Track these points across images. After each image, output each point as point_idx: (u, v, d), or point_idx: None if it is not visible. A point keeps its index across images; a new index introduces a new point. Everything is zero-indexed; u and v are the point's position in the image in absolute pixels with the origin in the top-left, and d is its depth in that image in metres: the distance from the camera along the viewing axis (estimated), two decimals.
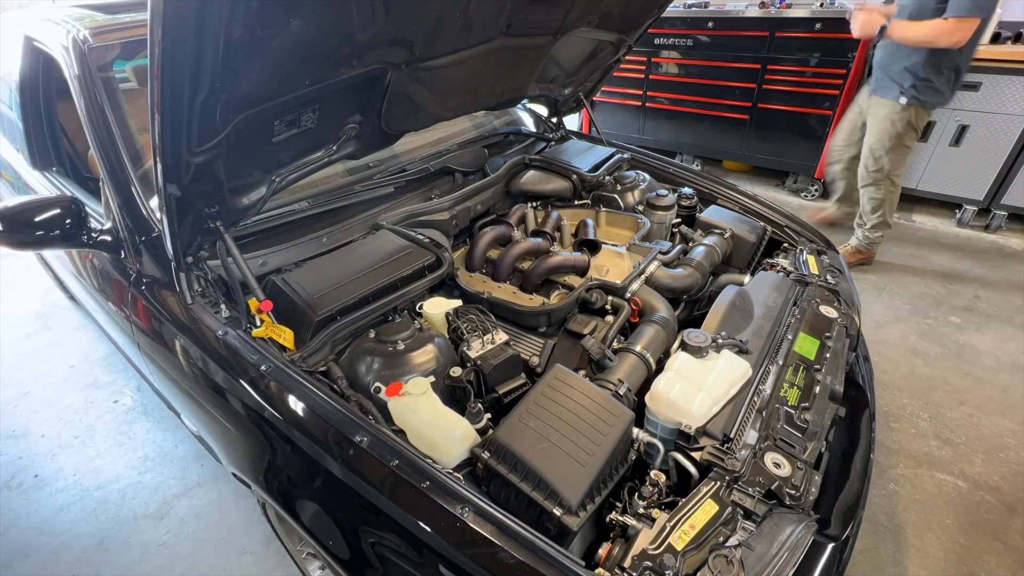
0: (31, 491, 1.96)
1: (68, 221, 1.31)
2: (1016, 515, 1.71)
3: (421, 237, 1.48)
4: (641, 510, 0.93)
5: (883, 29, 2.25)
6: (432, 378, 1.09)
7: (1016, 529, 1.67)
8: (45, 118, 1.88)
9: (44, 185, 1.86)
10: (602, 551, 0.90)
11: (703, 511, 0.89)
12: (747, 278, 1.56)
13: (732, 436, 1.02)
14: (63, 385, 2.44)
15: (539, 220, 1.84)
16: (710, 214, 1.79)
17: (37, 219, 1.28)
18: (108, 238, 1.39)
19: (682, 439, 1.05)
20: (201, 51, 0.78)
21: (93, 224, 1.38)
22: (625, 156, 2.13)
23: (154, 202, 1.36)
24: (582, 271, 1.54)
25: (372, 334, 1.22)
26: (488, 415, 1.09)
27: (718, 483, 0.94)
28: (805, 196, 3.88)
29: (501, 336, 1.22)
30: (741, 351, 1.19)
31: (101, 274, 1.59)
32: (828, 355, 1.27)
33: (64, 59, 1.45)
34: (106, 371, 2.51)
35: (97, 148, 1.38)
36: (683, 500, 0.92)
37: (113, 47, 1.50)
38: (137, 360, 1.62)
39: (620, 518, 0.93)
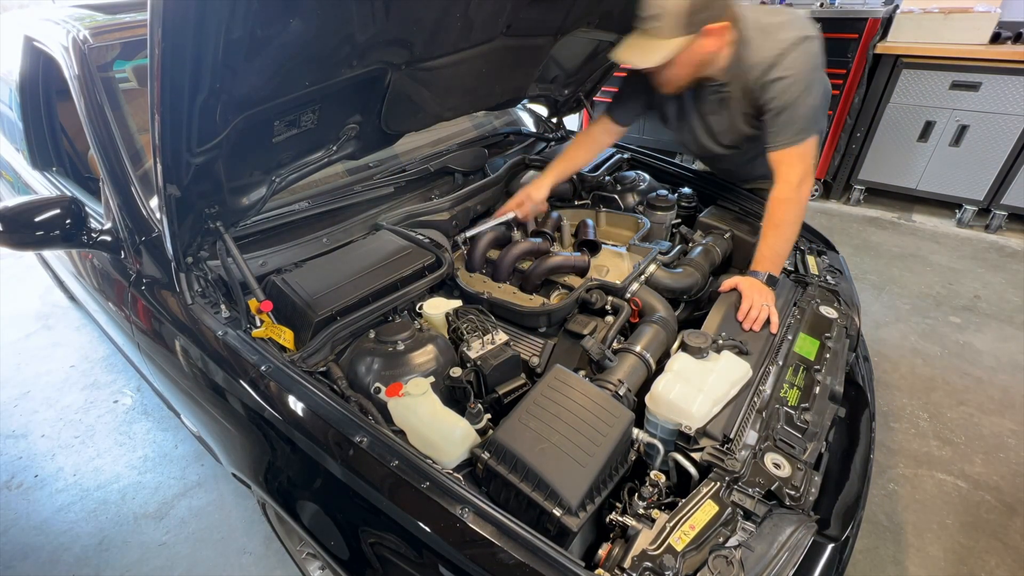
0: (31, 491, 1.96)
1: (68, 221, 1.31)
2: (1016, 515, 1.71)
3: (421, 237, 1.48)
4: (641, 511, 0.93)
5: (771, 280, 1.38)
6: (432, 378, 1.09)
7: (1016, 529, 1.67)
8: (45, 118, 1.88)
9: (44, 185, 1.86)
10: (602, 552, 0.90)
11: (703, 512, 0.89)
12: None
13: (732, 437, 1.02)
14: (63, 385, 2.44)
15: (539, 220, 1.84)
16: (710, 214, 1.79)
17: (37, 219, 1.28)
18: (108, 238, 1.39)
19: (682, 440, 1.05)
20: (201, 51, 0.78)
21: (93, 224, 1.38)
22: (625, 156, 2.13)
23: (154, 202, 1.35)
24: (582, 271, 1.53)
25: (372, 334, 1.22)
26: (488, 415, 1.09)
27: (718, 484, 0.94)
28: None
29: (501, 336, 1.22)
30: (741, 352, 1.19)
31: (101, 274, 1.59)
32: (828, 355, 1.27)
33: (64, 59, 1.45)
34: (106, 371, 2.51)
35: (97, 148, 1.38)
36: (683, 501, 0.92)
37: (113, 47, 1.50)
38: (137, 360, 1.62)
39: (620, 519, 0.93)
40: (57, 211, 1.30)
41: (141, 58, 1.56)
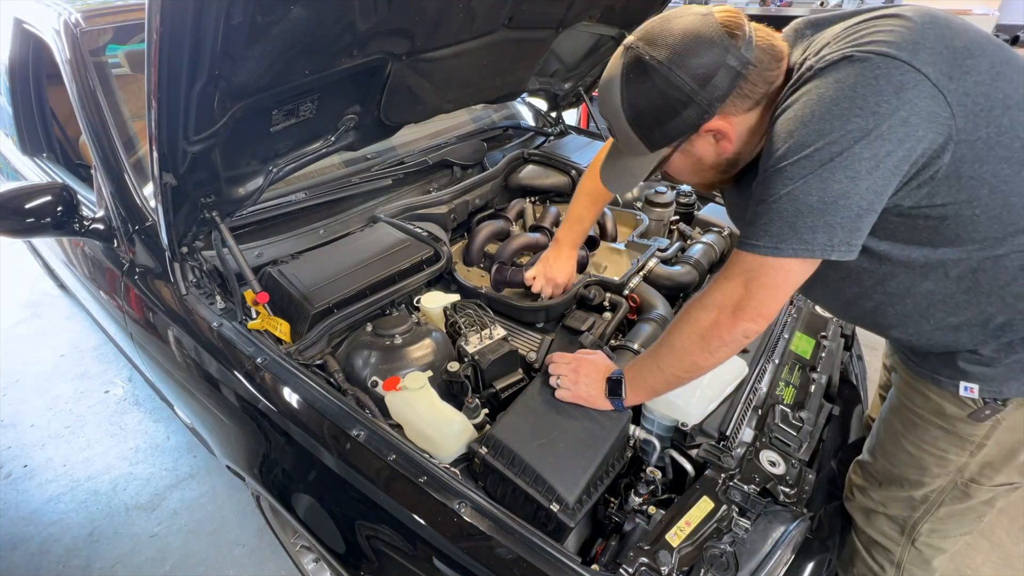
0: (20, 481, 1.94)
1: (59, 209, 1.28)
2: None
3: (419, 231, 1.47)
4: (637, 507, 0.94)
5: (615, 387, 0.98)
6: (430, 372, 1.09)
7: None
8: (35, 103, 1.85)
9: (34, 171, 1.83)
10: (598, 547, 0.90)
11: (699, 508, 0.90)
12: None
13: (728, 434, 1.02)
14: (53, 374, 2.41)
15: (537, 215, 1.83)
16: (708, 212, 1.79)
17: (27, 206, 1.26)
18: (100, 227, 1.37)
19: (678, 436, 1.05)
20: (200, 37, 0.77)
21: (85, 212, 1.36)
22: None
23: (148, 190, 1.34)
24: (580, 267, 1.53)
25: (369, 328, 1.21)
26: (485, 410, 1.09)
27: (714, 480, 0.95)
28: None
29: (499, 331, 1.22)
30: None
31: (93, 263, 1.57)
32: (823, 354, 1.28)
33: (55, 43, 1.43)
34: (97, 361, 2.48)
35: (89, 135, 1.36)
36: (679, 497, 0.93)
37: (106, 31, 1.47)
38: (130, 350, 1.61)
39: (616, 514, 0.93)
40: (48, 198, 1.28)
41: (135, 43, 1.53)
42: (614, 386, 0.97)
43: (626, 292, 1.38)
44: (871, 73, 0.63)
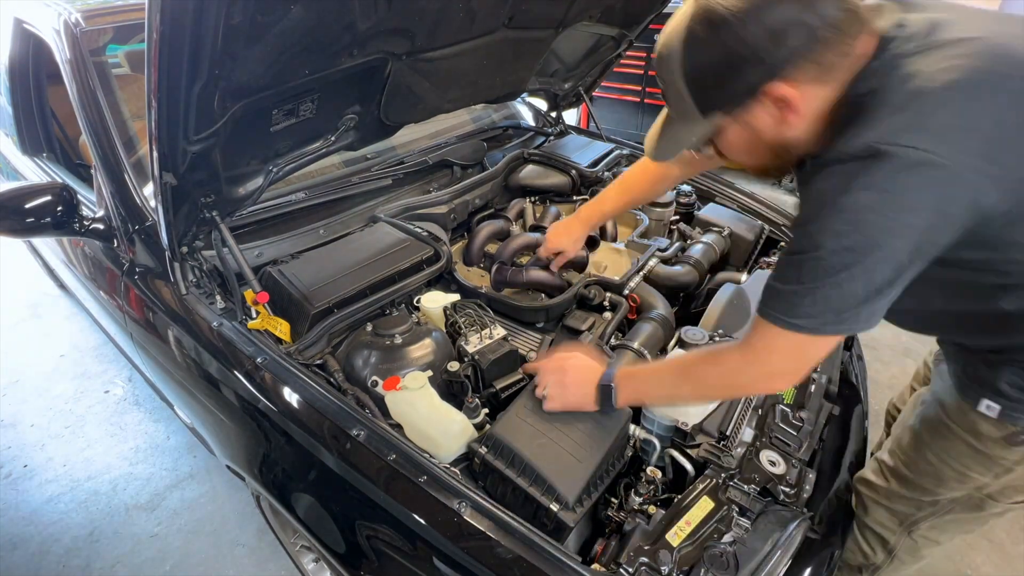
0: (20, 481, 1.94)
1: (59, 208, 1.28)
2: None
3: (419, 230, 1.47)
4: (637, 506, 0.94)
5: (605, 392, 0.94)
6: (430, 372, 1.09)
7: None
8: (35, 103, 1.85)
9: (34, 171, 1.83)
10: (598, 547, 0.90)
11: (699, 508, 0.90)
12: (744, 276, 1.56)
13: (728, 434, 1.02)
14: (53, 374, 2.41)
15: (537, 215, 1.83)
16: (708, 212, 1.79)
17: (27, 206, 1.26)
18: (100, 226, 1.38)
19: (678, 436, 1.05)
20: (200, 37, 0.77)
21: (85, 212, 1.36)
22: (624, 152, 2.13)
23: (148, 190, 1.34)
24: (580, 267, 1.53)
25: (369, 327, 1.21)
26: (485, 410, 1.09)
27: (714, 480, 0.95)
28: None
29: (499, 331, 1.22)
30: None
31: (93, 263, 1.57)
32: None
33: (55, 42, 1.43)
34: (97, 361, 2.48)
35: (89, 134, 1.36)
36: (679, 497, 0.93)
37: (106, 31, 1.47)
38: (130, 350, 1.61)
39: (616, 514, 0.93)
40: (48, 198, 1.28)
41: (135, 43, 1.53)
42: (605, 394, 0.94)
43: (626, 292, 1.38)
44: (910, 182, 0.61)
